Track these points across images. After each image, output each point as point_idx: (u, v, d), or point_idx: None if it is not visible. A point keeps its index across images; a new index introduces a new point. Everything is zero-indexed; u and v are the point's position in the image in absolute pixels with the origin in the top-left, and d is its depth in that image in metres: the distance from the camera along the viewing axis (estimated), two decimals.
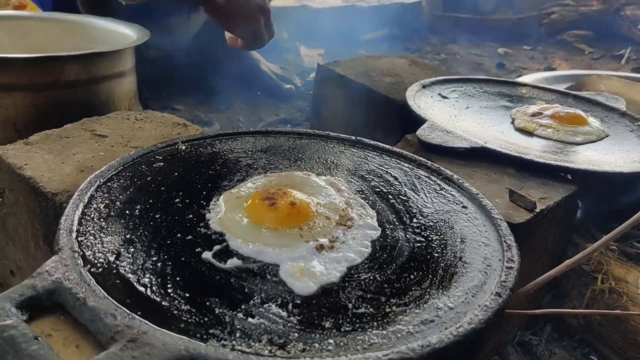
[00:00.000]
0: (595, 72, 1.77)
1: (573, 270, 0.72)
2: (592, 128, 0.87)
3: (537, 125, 0.87)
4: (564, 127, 0.86)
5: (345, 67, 1.03)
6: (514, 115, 0.90)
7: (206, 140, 0.64)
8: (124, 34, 1.12)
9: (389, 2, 2.24)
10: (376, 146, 0.67)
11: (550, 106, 0.92)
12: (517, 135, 0.85)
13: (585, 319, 0.70)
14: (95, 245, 0.45)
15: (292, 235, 0.48)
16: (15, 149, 0.62)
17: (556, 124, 0.86)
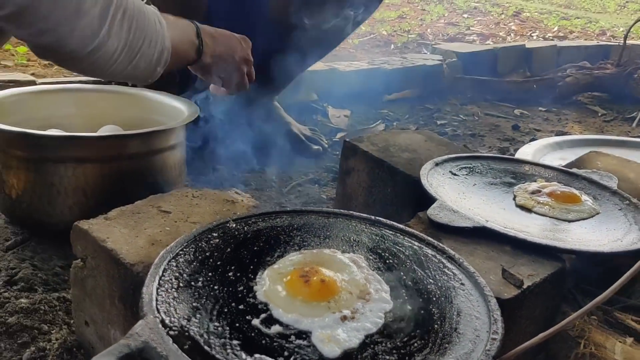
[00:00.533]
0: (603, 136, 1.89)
1: (560, 335, 0.83)
2: (585, 206, 0.99)
3: (535, 202, 0.99)
4: (559, 205, 0.98)
5: (368, 142, 1.17)
6: (516, 192, 1.03)
7: (252, 218, 0.78)
8: (175, 107, 1.29)
9: (412, 65, 2.39)
10: (391, 225, 0.81)
11: (549, 184, 1.04)
12: (517, 211, 0.98)
13: None
14: (170, 311, 0.59)
15: (321, 307, 0.61)
16: (98, 224, 0.77)
17: (553, 202, 0.99)
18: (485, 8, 6.90)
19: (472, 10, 6.67)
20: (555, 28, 5.85)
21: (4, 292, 0.92)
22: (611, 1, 9.98)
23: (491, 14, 6.61)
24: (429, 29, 4.94)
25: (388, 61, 2.47)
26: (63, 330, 0.86)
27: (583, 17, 7.32)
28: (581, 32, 5.73)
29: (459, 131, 2.03)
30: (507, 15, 6.61)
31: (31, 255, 1.04)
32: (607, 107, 2.44)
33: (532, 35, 5.24)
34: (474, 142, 1.95)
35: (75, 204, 1.06)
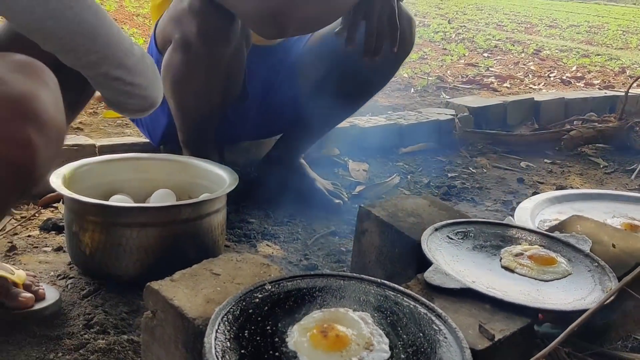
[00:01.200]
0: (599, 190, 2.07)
1: None
2: (560, 268, 1.19)
3: (517, 264, 1.19)
4: (538, 266, 1.18)
5: (379, 208, 1.39)
6: (502, 254, 1.23)
7: (283, 281, 1.00)
8: (218, 174, 1.52)
9: (426, 120, 2.61)
10: (393, 287, 1.02)
11: (531, 247, 1.25)
12: (502, 272, 1.18)
13: None
14: (225, 357, 0.81)
15: (336, 355, 0.82)
16: (166, 285, 0.99)
17: (532, 264, 1.19)
18: (505, 46, 7.12)
19: (493, 49, 6.89)
20: (574, 67, 6.03)
21: (85, 334, 1.15)
22: (634, 37, 10.12)
23: (511, 52, 6.83)
24: (448, 71, 5.17)
25: (404, 116, 2.70)
26: None
27: (604, 54, 7.48)
28: (599, 72, 5.91)
29: (467, 184, 2.23)
30: (527, 53, 6.82)
31: (102, 302, 1.27)
32: (609, 159, 2.63)
33: (550, 76, 5.44)
34: (481, 195, 2.15)
35: (137, 260, 1.30)
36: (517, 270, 1.17)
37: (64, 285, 1.32)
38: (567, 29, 10.37)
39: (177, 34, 1.59)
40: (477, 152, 2.61)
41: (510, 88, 4.65)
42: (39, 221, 1.65)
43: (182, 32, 1.56)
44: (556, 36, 9.07)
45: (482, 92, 4.35)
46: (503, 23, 10.19)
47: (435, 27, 8.11)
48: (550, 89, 4.68)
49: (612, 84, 5.04)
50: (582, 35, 9.45)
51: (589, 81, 5.18)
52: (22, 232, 1.59)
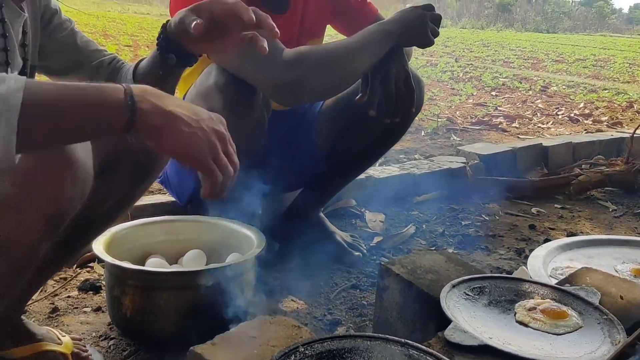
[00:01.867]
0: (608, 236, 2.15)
1: None
2: (571, 321, 1.27)
3: (531, 318, 1.27)
4: (550, 320, 1.26)
5: (399, 265, 1.48)
6: (517, 309, 1.31)
7: (314, 343, 1.09)
8: (246, 234, 1.62)
9: (438, 169, 2.72)
10: (417, 347, 1.10)
11: (543, 301, 1.33)
12: (517, 327, 1.26)
13: None
14: None
15: None
16: (208, 348, 1.08)
17: (545, 318, 1.27)
18: (513, 84, 7.26)
19: (501, 87, 7.03)
20: (582, 104, 6.13)
21: None
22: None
23: (519, 89, 6.96)
24: (457, 112, 5.29)
25: (417, 165, 2.80)
26: None
27: (611, 88, 7.59)
28: (607, 108, 6.00)
29: (480, 232, 2.32)
30: (534, 90, 6.94)
31: None
32: (617, 203, 2.71)
33: (558, 114, 5.54)
34: (494, 242, 2.23)
35: (174, 321, 1.39)
36: (531, 324, 1.25)
37: (106, 347, 1.41)
38: (574, 63, 10.53)
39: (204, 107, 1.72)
40: (489, 198, 2.70)
41: (519, 128, 4.75)
42: (77, 281, 1.75)
43: (209, 107, 1.69)
44: (563, 71, 9.21)
45: (491, 132, 4.46)
46: (510, 59, 10.38)
47: (442, 66, 8.28)
48: (559, 127, 4.78)
49: (619, 121, 5.13)
50: (588, 70, 9.59)
51: (597, 118, 5.28)
52: (62, 293, 1.69)
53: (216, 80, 1.65)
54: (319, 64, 1.66)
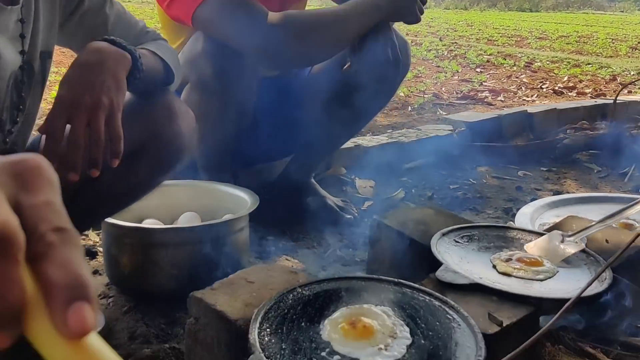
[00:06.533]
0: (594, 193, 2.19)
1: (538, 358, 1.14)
2: (548, 267, 1.30)
3: (512, 268, 1.29)
4: (529, 268, 1.29)
5: (391, 218, 1.52)
6: (494, 262, 1.33)
7: (312, 284, 1.12)
8: (240, 196, 1.65)
9: (425, 136, 2.75)
10: (409, 285, 1.14)
11: (514, 252, 1.35)
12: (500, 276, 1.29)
13: None
14: (267, 348, 0.92)
15: (365, 343, 0.94)
16: (207, 293, 1.11)
17: (524, 266, 1.29)
18: (497, 61, 7.30)
19: (485, 64, 7.07)
20: (566, 78, 6.19)
21: (131, 345, 1.27)
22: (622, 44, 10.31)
23: (503, 66, 7.00)
24: (443, 88, 5.33)
25: (405, 133, 2.83)
26: None
27: (594, 62, 7.66)
28: (591, 81, 6.07)
29: (469, 194, 2.36)
30: (519, 67, 6.99)
31: (142, 316, 1.39)
32: (602, 164, 2.76)
33: (542, 88, 5.59)
34: (482, 203, 2.27)
35: (172, 277, 1.42)
36: (514, 274, 1.28)
37: (105, 304, 1.44)
38: (557, 40, 10.59)
39: (194, 76, 1.74)
40: (476, 164, 2.74)
41: (505, 101, 4.80)
42: None
43: (198, 74, 1.71)
44: (547, 48, 9.27)
45: (477, 106, 4.50)
46: (494, 37, 10.41)
47: (427, 45, 8.31)
48: (543, 100, 4.83)
49: (603, 92, 5.19)
50: (572, 46, 9.65)
51: (581, 90, 5.34)
52: None
53: (204, 46, 1.67)
54: (305, 28, 1.68)
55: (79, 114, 0.88)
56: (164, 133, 1.15)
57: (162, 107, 1.16)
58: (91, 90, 0.90)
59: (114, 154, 0.95)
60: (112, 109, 0.92)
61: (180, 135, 1.17)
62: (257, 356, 0.90)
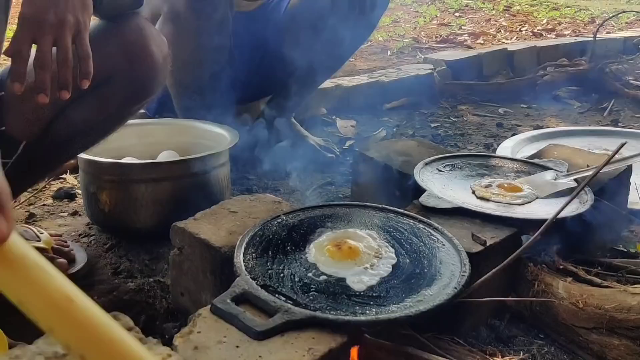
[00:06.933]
0: (574, 127, 2.20)
1: (522, 279, 1.15)
2: (527, 193, 1.30)
3: (491, 194, 1.30)
4: (508, 193, 1.29)
5: (373, 150, 1.50)
6: (474, 188, 1.32)
7: (297, 212, 1.11)
8: (218, 132, 1.62)
9: (406, 75, 2.72)
10: (394, 210, 1.14)
11: (495, 179, 1.35)
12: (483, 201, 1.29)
13: (531, 309, 1.13)
14: (254, 271, 0.92)
15: (350, 263, 0.94)
16: (191, 223, 1.10)
17: (503, 191, 1.29)
18: (476, 5, 7.21)
19: (464, 8, 6.97)
20: (545, 20, 6.14)
21: (115, 280, 1.26)
22: None
23: (482, 10, 6.92)
24: (422, 32, 5.26)
25: (385, 73, 2.80)
26: (163, 301, 1.19)
27: (573, 5, 7.59)
28: (570, 23, 6.03)
29: (450, 132, 2.35)
30: (497, 10, 6.91)
31: (125, 253, 1.37)
32: (582, 100, 2.76)
33: (522, 30, 5.55)
34: (463, 140, 2.27)
35: (153, 213, 1.40)
36: (493, 199, 1.27)
37: (87, 242, 1.42)
38: None
39: (166, 7, 1.68)
40: (456, 102, 2.73)
41: (484, 44, 4.75)
42: (50, 191, 1.74)
43: (171, 4, 1.65)
44: None
45: (456, 49, 4.46)
46: None
47: None
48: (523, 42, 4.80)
49: (582, 34, 5.17)
50: None
51: (560, 33, 5.30)
52: (37, 202, 1.68)
53: None
54: None
55: (44, 33, 0.84)
56: (136, 56, 1.10)
57: (133, 30, 1.11)
58: (55, 7, 0.85)
59: (83, 74, 0.90)
60: (78, 26, 0.87)
61: (153, 59, 1.13)
62: (243, 278, 0.89)
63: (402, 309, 0.84)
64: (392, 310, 0.84)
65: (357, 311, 0.83)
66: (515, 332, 1.13)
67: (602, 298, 1.04)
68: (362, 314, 0.83)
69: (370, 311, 0.84)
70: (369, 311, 0.84)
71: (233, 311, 0.82)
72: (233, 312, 0.81)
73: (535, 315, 1.13)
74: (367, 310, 0.84)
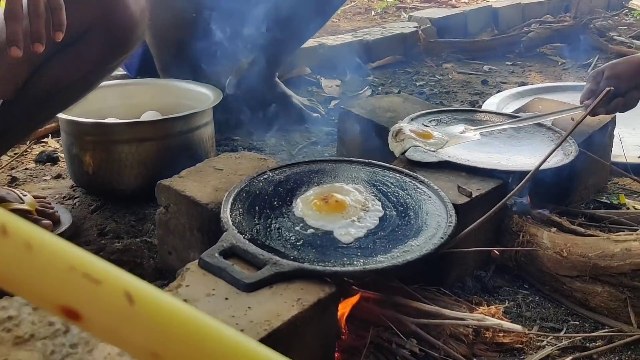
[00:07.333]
0: (557, 83, 2.20)
1: (508, 230, 1.17)
2: (436, 140, 1.28)
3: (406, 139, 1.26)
4: (420, 139, 1.26)
5: (358, 107, 1.49)
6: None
7: (283, 168, 1.11)
8: (201, 92, 1.60)
9: (390, 34, 2.69)
10: (380, 165, 1.13)
11: (406, 125, 1.33)
12: (474, 148, 1.30)
13: (516, 260, 1.15)
14: (241, 226, 0.92)
15: (338, 216, 0.94)
16: (176, 181, 1.09)
17: (416, 137, 1.26)
18: None
19: None
20: None
21: (101, 241, 1.25)
22: None
23: None
24: None
25: (369, 32, 2.77)
26: (151, 261, 1.19)
27: None
28: None
29: (435, 90, 2.35)
30: None
31: (111, 214, 1.36)
32: (566, 57, 2.76)
33: None
34: (449, 98, 2.27)
35: (138, 174, 1.39)
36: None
37: (72, 204, 1.41)
38: None
39: None
40: (442, 60, 2.71)
41: (468, 2, 4.71)
42: (32, 155, 1.71)
43: None
44: None
45: (441, 8, 4.42)
46: None
47: None
48: None
49: None
50: None
51: None
52: (18, 166, 1.65)
53: None
54: None
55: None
56: (111, 9, 1.07)
57: None
58: None
59: (56, 25, 0.88)
60: None
61: (130, 11, 1.09)
62: (230, 233, 0.89)
63: (390, 259, 0.85)
64: (380, 260, 0.85)
65: (345, 262, 0.84)
66: (500, 283, 1.15)
67: (585, 246, 1.05)
68: (350, 264, 0.83)
69: (357, 262, 0.84)
70: (356, 262, 0.84)
71: (221, 264, 0.82)
72: (221, 265, 0.81)
73: (520, 266, 1.15)
74: (354, 261, 0.84)
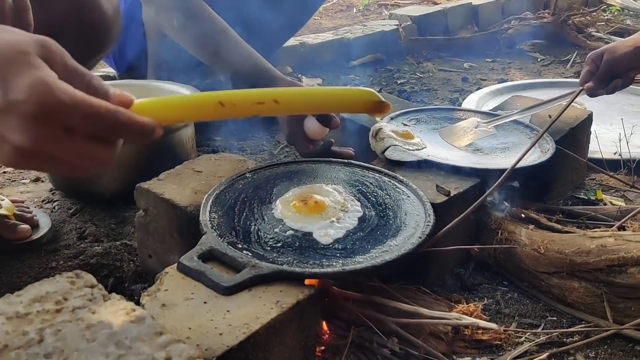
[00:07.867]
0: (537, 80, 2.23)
1: (487, 228, 1.18)
2: (416, 141, 1.29)
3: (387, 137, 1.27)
4: (401, 139, 1.27)
5: None
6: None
7: (262, 169, 1.11)
8: (181, 93, 1.59)
9: (371, 32, 2.70)
10: (359, 165, 1.14)
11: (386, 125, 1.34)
12: (454, 148, 1.31)
13: (495, 257, 1.16)
14: (219, 228, 0.92)
15: (317, 217, 0.94)
16: (155, 184, 1.09)
17: (398, 137, 1.27)
18: None
19: None
20: None
21: (81, 244, 1.25)
22: None
23: None
24: None
25: (350, 30, 2.77)
26: (131, 264, 1.19)
27: None
28: None
29: (416, 88, 2.36)
30: None
31: (90, 217, 1.36)
32: (545, 53, 2.79)
33: None
34: (429, 96, 2.28)
35: (118, 177, 1.38)
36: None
37: (51, 208, 1.40)
38: None
39: None
40: (422, 58, 2.72)
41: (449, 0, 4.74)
42: None
43: None
44: None
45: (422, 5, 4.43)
46: None
47: None
48: None
49: None
50: None
51: None
52: None
53: None
54: None
55: None
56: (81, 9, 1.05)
57: None
58: None
59: (23, 27, 0.87)
60: None
61: (102, 10, 1.08)
62: (209, 236, 0.89)
63: (368, 259, 0.86)
64: (358, 261, 0.85)
65: (324, 263, 0.84)
66: (480, 280, 1.16)
67: (562, 243, 1.07)
68: (329, 266, 0.84)
69: (337, 263, 0.85)
70: (335, 263, 0.85)
71: (200, 268, 0.82)
72: (200, 269, 0.81)
73: (499, 263, 1.16)
74: (333, 262, 0.85)
